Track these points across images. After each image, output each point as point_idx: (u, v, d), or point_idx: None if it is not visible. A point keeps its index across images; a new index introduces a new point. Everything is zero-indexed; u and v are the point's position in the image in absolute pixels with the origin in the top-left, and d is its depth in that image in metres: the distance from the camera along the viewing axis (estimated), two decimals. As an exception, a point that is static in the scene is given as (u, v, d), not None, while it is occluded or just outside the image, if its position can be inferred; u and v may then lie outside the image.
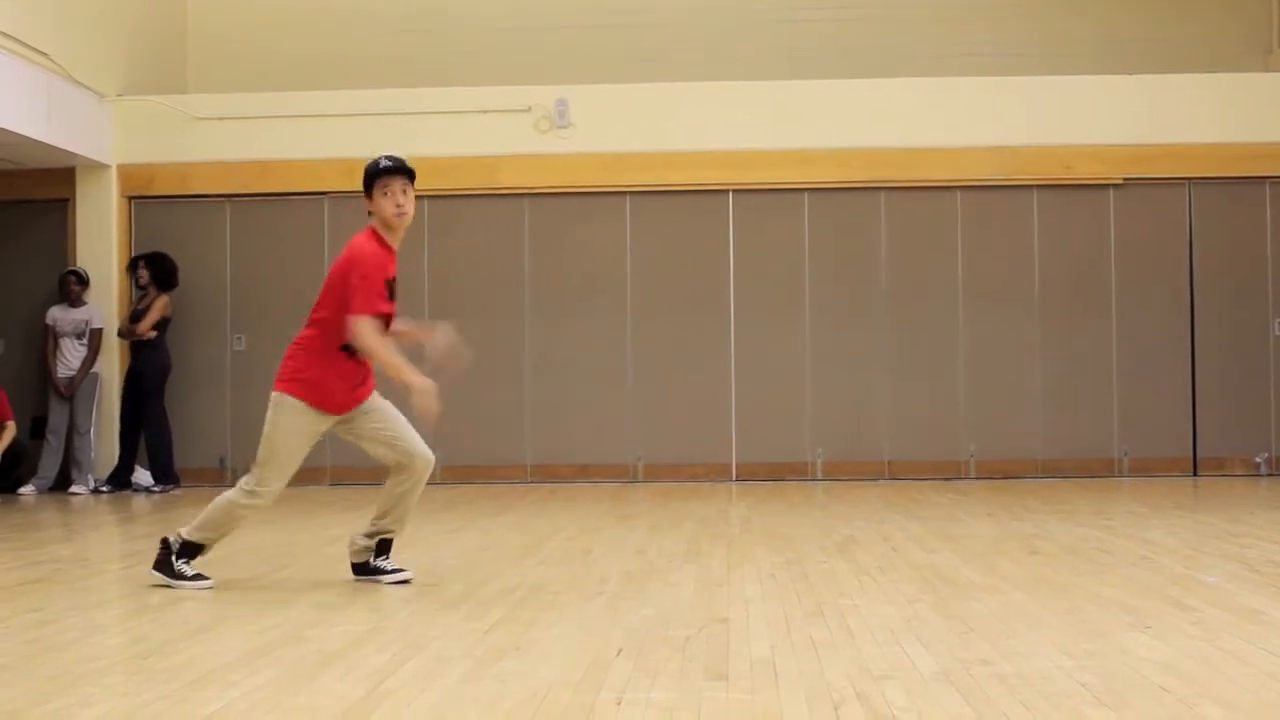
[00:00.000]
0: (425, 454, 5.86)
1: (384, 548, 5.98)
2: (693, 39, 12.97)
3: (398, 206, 5.74)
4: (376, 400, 5.90)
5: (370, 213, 5.85)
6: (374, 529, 5.95)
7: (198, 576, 5.85)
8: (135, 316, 11.34)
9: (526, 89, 11.85)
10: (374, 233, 5.81)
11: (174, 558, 5.88)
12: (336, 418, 5.83)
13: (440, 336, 5.85)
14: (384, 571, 5.94)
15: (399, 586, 5.82)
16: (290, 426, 5.76)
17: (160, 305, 11.32)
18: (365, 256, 5.71)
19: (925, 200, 11.69)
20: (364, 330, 5.63)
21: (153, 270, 11.37)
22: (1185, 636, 4.51)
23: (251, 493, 5.77)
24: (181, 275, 11.72)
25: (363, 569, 5.97)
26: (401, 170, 5.77)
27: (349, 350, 5.73)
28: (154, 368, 11.30)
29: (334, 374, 5.76)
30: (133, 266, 11.53)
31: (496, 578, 6.10)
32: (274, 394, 5.84)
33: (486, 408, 11.58)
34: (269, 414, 5.80)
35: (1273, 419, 11.56)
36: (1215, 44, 12.66)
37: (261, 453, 5.78)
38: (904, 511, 8.86)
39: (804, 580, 5.87)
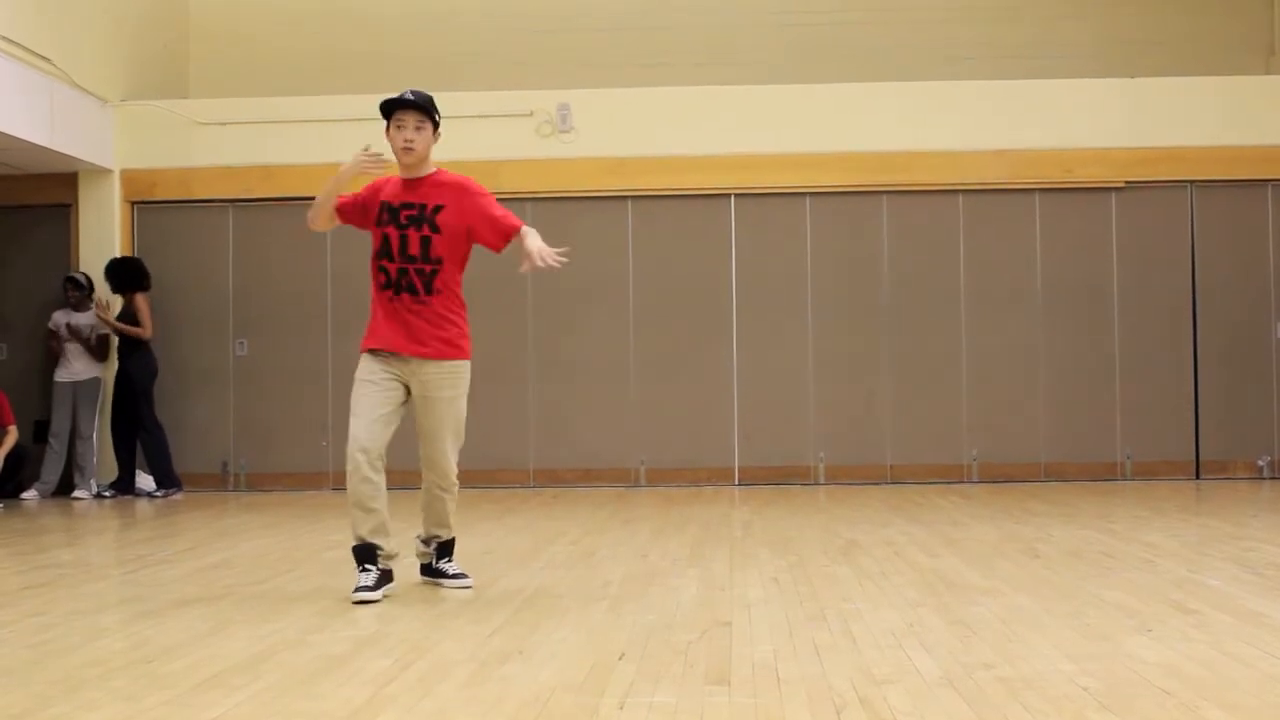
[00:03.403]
0: (439, 469, 5.79)
1: (443, 550, 5.99)
2: (694, 43, 12.97)
3: (406, 141, 5.70)
4: (438, 389, 5.73)
5: None
6: (424, 533, 5.98)
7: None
8: (122, 319, 11.33)
9: (529, 93, 11.86)
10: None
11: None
12: (401, 361, 5.69)
13: (530, 243, 5.74)
14: (445, 575, 5.95)
15: (402, 590, 5.81)
16: (359, 377, 5.71)
17: (146, 306, 11.32)
18: None
19: (927, 204, 11.70)
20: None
21: (116, 278, 11.35)
22: (1188, 640, 4.51)
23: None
24: (184, 280, 11.77)
25: (426, 570, 6.00)
26: (414, 105, 5.71)
27: (386, 285, 5.70)
28: (142, 371, 11.30)
29: (381, 313, 5.73)
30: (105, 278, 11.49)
31: (499, 581, 6.10)
32: None
33: (489, 412, 11.58)
34: None
35: (1275, 422, 11.55)
36: (1216, 46, 12.66)
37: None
38: (906, 515, 8.86)
39: (806, 584, 5.88)
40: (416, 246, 5.70)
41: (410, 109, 5.71)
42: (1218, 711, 3.55)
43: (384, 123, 5.81)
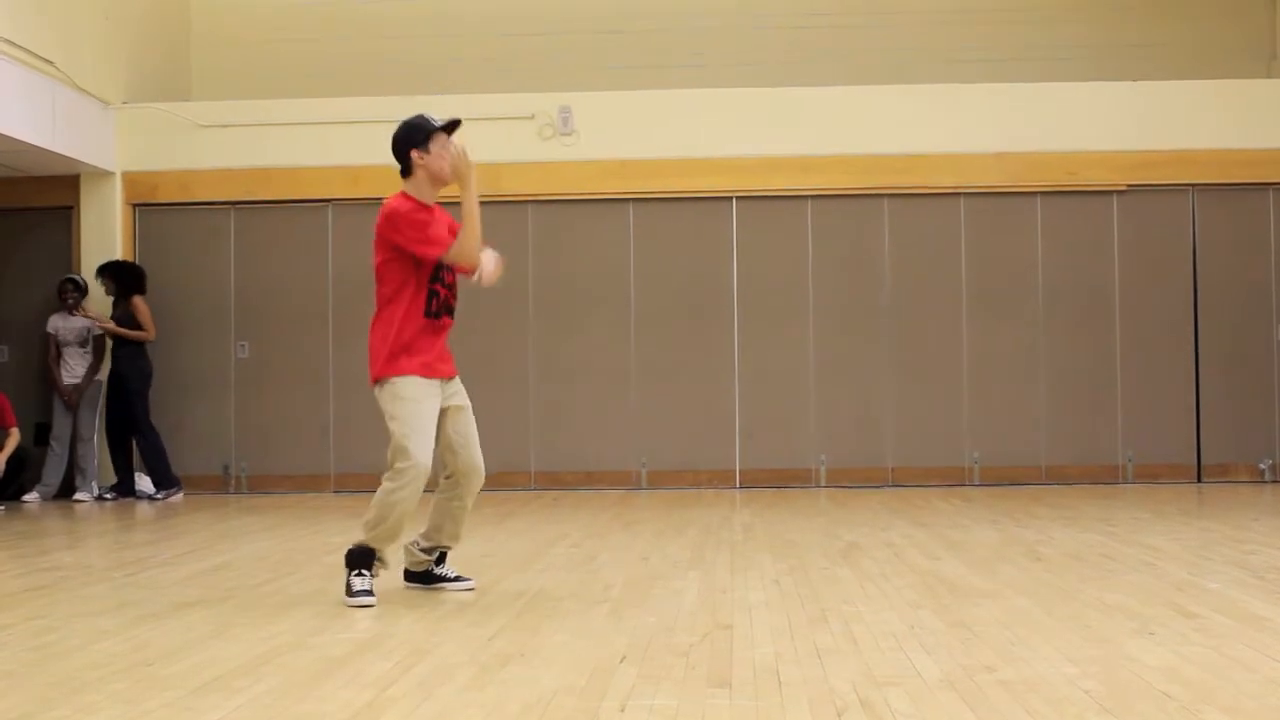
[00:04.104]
0: (480, 473, 5.86)
1: (444, 557, 6.00)
2: (696, 46, 12.97)
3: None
4: (465, 399, 5.84)
5: (407, 172, 5.77)
6: (431, 543, 5.92)
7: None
8: (118, 323, 11.33)
9: (530, 96, 11.86)
10: (406, 196, 5.73)
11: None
12: (439, 384, 5.70)
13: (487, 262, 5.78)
14: (447, 579, 5.94)
15: (403, 593, 5.81)
16: (414, 397, 5.60)
17: (146, 310, 11.33)
18: (400, 212, 5.65)
19: (929, 206, 11.69)
20: (456, 253, 5.64)
21: (117, 280, 11.34)
22: (1189, 643, 4.51)
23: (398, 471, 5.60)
24: (185, 282, 11.79)
25: (423, 578, 5.96)
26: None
27: (438, 310, 5.69)
28: (136, 373, 11.30)
29: (423, 337, 5.65)
30: (97, 278, 11.45)
31: (500, 584, 6.10)
32: (384, 384, 5.64)
33: (490, 414, 11.51)
34: (387, 408, 5.62)
35: (1277, 425, 11.54)
36: (1218, 50, 12.66)
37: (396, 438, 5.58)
38: (908, 518, 8.85)
39: (808, 587, 5.87)
40: (451, 273, 5.80)
41: (455, 131, 5.84)
42: (1219, 715, 3.54)
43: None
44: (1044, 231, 11.66)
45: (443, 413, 5.74)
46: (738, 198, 11.73)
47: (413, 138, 5.78)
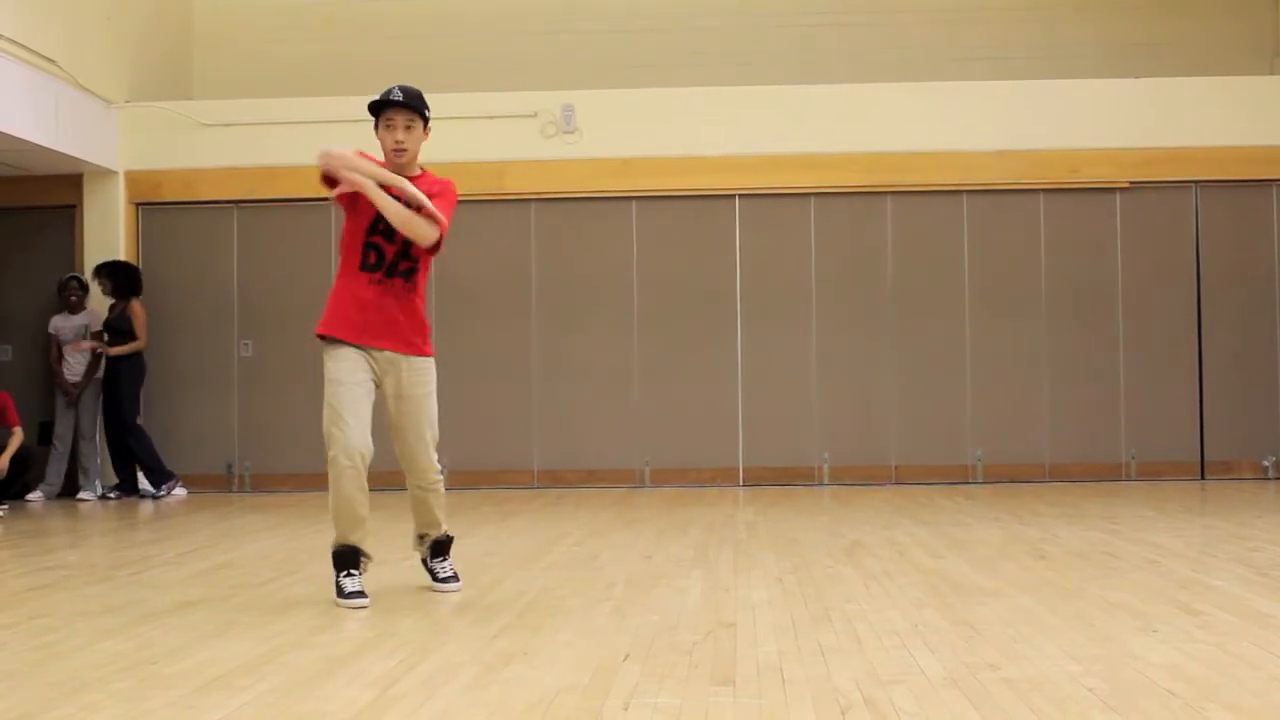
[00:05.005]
0: (418, 468, 5.66)
1: (437, 549, 5.89)
2: (698, 45, 12.97)
3: (396, 143, 5.51)
4: (415, 388, 5.60)
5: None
6: (416, 531, 5.91)
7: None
8: (109, 326, 11.32)
9: (533, 94, 11.87)
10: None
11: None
12: (374, 355, 5.49)
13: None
14: (435, 577, 5.88)
15: (404, 593, 5.81)
16: (339, 379, 5.44)
17: (142, 314, 11.33)
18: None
19: (931, 204, 11.69)
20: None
21: (115, 280, 11.35)
22: (1193, 640, 4.50)
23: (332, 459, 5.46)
24: (188, 281, 11.82)
25: (424, 564, 5.95)
26: (406, 105, 5.52)
27: (377, 266, 5.49)
28: (132, 373, 11.32)
29: (357, 299, 5.48)
30: (95, 276, 11.45)
31: (503, 583, 6.09)
32: (322, 347, 5.53)
33: (493, 412, 11.59)
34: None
35: (1280, 422, 11.55)
36: (1221, 47, 12.65)
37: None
38: (911, 516, 8.85)
39: (811, 585, 5.87)
40: (400, 242, 5.54)
41: (400, 108, 5.53)
42: (1223, 712, 3.54)
43: (369, 124, 5.68)
44: (1047, 229, 11.66)
45: (383, 402, 5.58)
46: (740, 196, 11.73)
47: (371, 112, 5.65)
